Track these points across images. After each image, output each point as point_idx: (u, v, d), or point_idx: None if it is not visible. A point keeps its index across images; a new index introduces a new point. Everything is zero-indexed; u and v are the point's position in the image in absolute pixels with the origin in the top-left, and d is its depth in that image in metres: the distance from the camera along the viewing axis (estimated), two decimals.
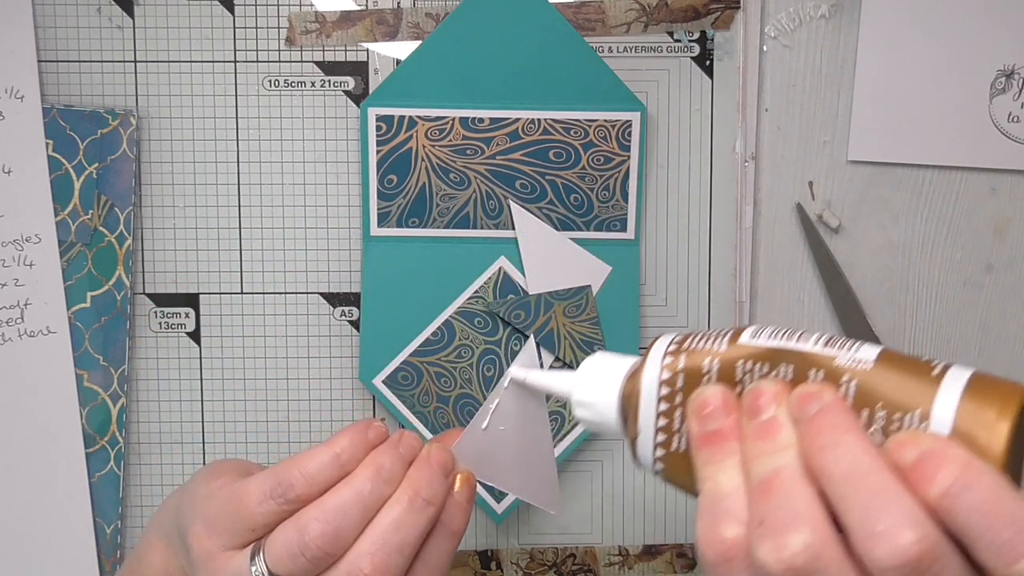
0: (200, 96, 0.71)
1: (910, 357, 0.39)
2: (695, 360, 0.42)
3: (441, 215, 0.70)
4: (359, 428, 0.50)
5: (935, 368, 0.38)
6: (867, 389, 0.38)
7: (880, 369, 0.38)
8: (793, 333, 0.41)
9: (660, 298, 0.73)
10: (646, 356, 0.43)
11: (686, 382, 0.42)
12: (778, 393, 0.39)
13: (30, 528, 0.71)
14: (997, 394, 0.37)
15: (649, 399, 0.42)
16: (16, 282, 0.69)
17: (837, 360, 0.39)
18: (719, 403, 0.40)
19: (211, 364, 0.72)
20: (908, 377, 0.38)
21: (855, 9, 0.70)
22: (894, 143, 0.71)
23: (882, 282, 0.73)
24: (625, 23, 0.71)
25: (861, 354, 0.39)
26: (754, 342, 0.41)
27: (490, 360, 0.71)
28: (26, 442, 0.70)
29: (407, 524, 0.48)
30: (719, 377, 0.41)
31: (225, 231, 0.71)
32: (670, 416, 0.42)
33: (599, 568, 0.75)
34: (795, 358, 0.40)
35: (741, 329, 0.42)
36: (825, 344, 0.40)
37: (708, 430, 0.40)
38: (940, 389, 0.37)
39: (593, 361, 0.46)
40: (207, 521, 0.49)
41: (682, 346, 0.42)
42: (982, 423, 0.36)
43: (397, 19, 0.70)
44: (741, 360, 0.41)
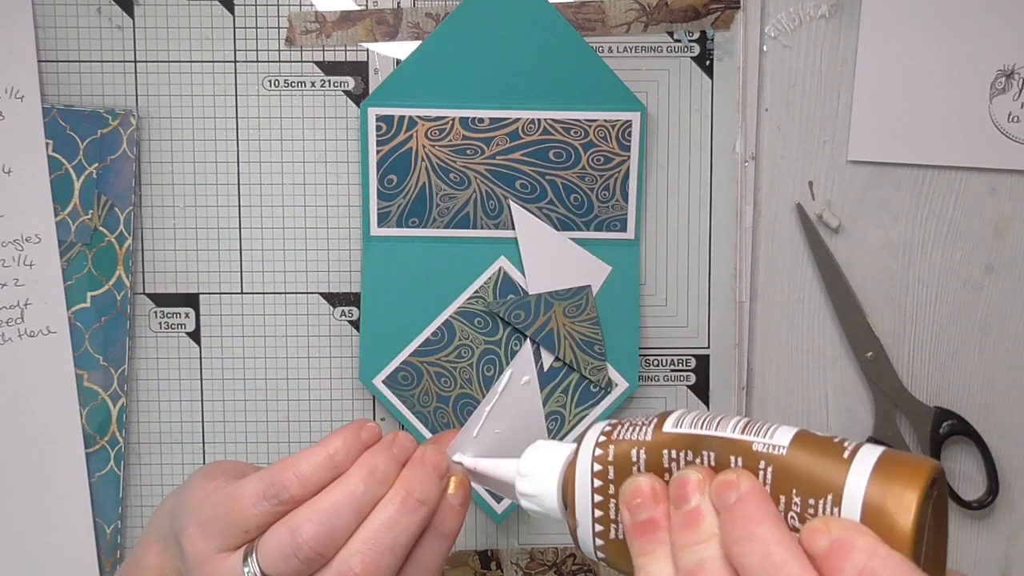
0: (200, 96, 0.71)
1: (824, 438, 0.40)
2: (623, 449, 0.43)
3: (441, 215, 0.70)
4: (353, 429, 0.50)
5: (846, 449, 0.39)
6: (782, 474, 0.40)
7: (794, 454, 0.40)
8: (714, 419, 0.42)
9: (660, 298, 0.73)
10: (578, 448, 0.45)
11: (617, 472, 0.43)
12: (701, 481, 0.41)
13: (30, 528, 0.71)
14: (905, 470, 0.38)
15: (584, 490, 0.44)
16: (16, 282, 0.69)
17: (754, 446, 0.41)
18: (648, 493, 0.42)
19: (211, 364, 0.72)
20: (820, 461, 0.39)
21: (855, 9, 0.70)
22: (894, 143, 0.71)
23: (882, 282, 0.73)
24: (625, 23, 0.71)
25: (776, 439, 0.40)
26: (676, 430, 0.42)
27: (490, 360, 0.71)
28: (26, 442, 0.70)
29: (399, 524, 0.48)
30: (647, 466, 0.43)
31: (225, 231, 0.71)
32: (605, 507, 0.44)
33: (599, 568, 0.75)
34: (716, 444, 0.41)
35: (666, 415, 0.43)
36: (743, 430, 0.41)
37: (640, 520, 0.42)
38: (851, 470, 0.38)
39: (533, 451, 0.48)
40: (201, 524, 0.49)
41: (611, 436, 0.44)
42: (891, 500, 0.37)
43: (397, 19, 0.70)
44: (666, 448, 0.42)
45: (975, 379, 0.74)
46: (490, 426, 0.51)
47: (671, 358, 0.73)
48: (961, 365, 0.73)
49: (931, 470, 0.38)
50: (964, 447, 0.74)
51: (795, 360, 0.73)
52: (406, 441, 0.50)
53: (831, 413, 0.74)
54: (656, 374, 0.73)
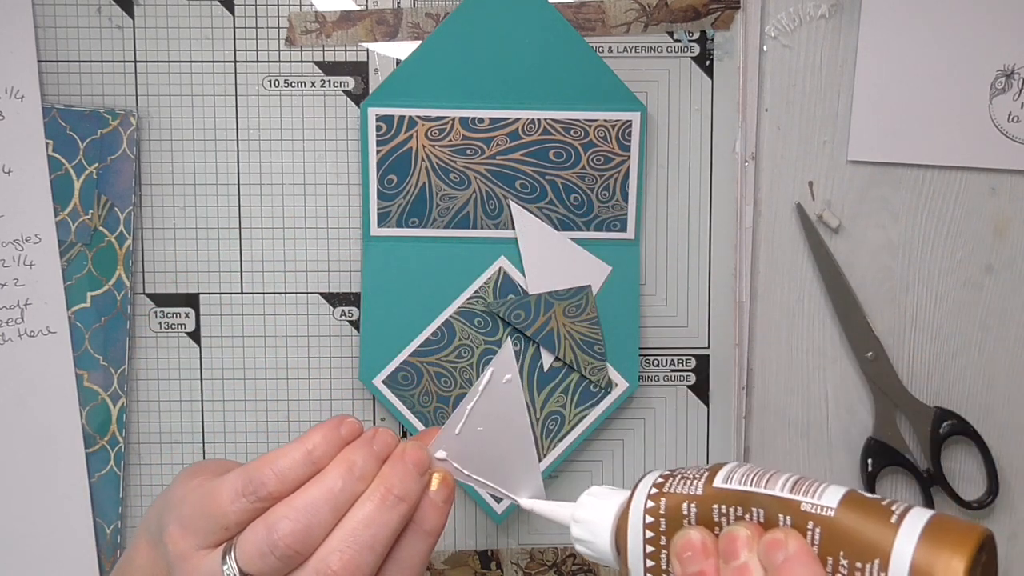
0: (200, 96, 0.71)
1: (872, 500, 0.41)
2: (675, 503, 0.45)
3: (441, 215, 0.70)
4: (332, 424, 0.50)
5: (894, 513, 0.40)
6: (830, 536, 0.41)
7: (842, 515, 0.41)
8: (764, 475, 0.43)
9: (660, 298, 0.73)
10: (631, 498, 0.46)
11: (668, 524, 0.45)
12: (750, 538, 0.42)
13: (30, 528, 0.71)
14: (953, 535, 0.38)
15: (636, 541, 0.46)
16: (16, 282, 0.69)
17: (803, 506, 0.42)
18: (699, 546, 0.43)
19: (211, 364, 0.72)
20: (868, 524, 0.40)
21: (855, 9, 0.70)
22: (894, 143, 0.71)
23: (882, 282, 0.73)
24: (625, 23, 0.71)
25: (825, 499, 0.41)
26: (727, 486, 0.44)
27: (490, 360, 0.71)
28: (26, 442, 0.70)
29: (378, 521, 0.48)
30: (698, 519, 0.44)
31: (225, 231, 0.71)
32: (656, 557, 0.45)
33: (599, 568, 0.75)
34: (765, 502, 0.43)
35: (717, 469, 0.45)
36: (792, 488, 0.42)
37: (690, 572, 0.43)
38: (898, 535, 0.39)
39: (588, 498, 0.49)
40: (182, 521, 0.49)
41: (663, 489, 0.45)
42: (938, 566, 0.38)
43: (397, 19, 0.70)
44: (716, 503, 0.44)
45: (975, 379, 0.74)
46: (472, 424, 0.51)
47: (671, 358, 0.73)
48: (961, 365, 0.73)
49: (979, 536, 0.38)
50: (964, 447, 0.74)
51: (795, 360, 0.73)
52: (386, 437, 0.50)
53: (831, 413, 0.74)
54: (656, 374, 0.73)
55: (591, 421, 0.71)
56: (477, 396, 0.51)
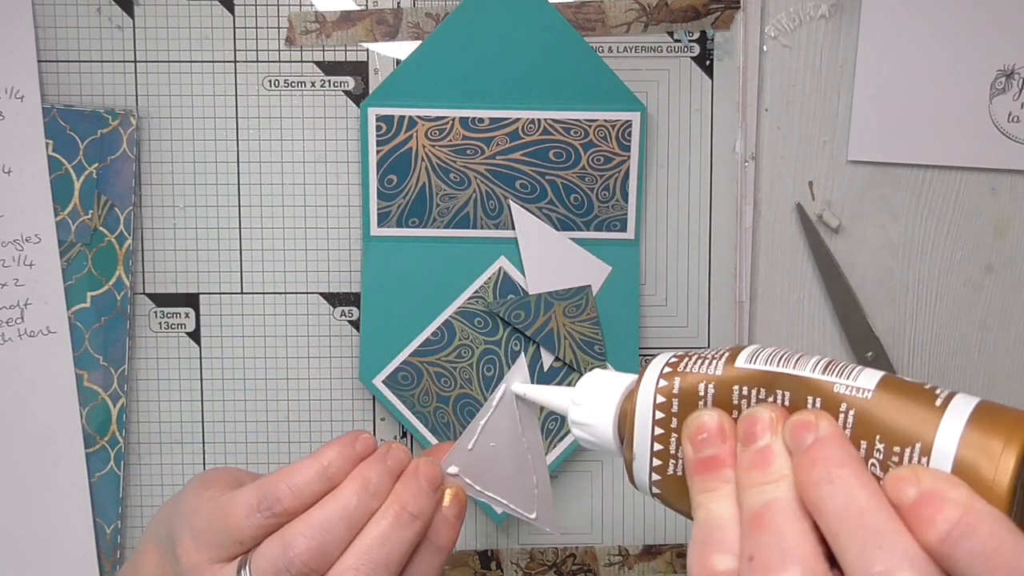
0: (200, 96, 0.71)
1: (913, 384, 0.37)
2: (690, 383, 0.41)
3: (441, 215, 0.70)
4: (347, 440, 0.50)
5: (939, 397, 0.36)
6: (866, 419, 0.37)
7: (880, 398, 0.37)
8: (791, 356, 0.39)
9: (660, 298, 0.73)
10: (641, 377, 0.42)
11: (681, 406, 0.41)
12: (773, 420, 0.38)
13: (30, 528, 0.71)
14: (1004, 423, 0.35)
15: (644, 422, 0.42)
16: (16, 282, 0.69)
17: (836, 387, 0.38)
18: (715, 429, 0.39)
19: (211, 364, 0.72)
20: (910, 407, 0.36)
21: (855, 9, 0.70)
22: (894, 143, 0.71)
23: (882, 282, 0.73)
24: (625, 23, 0.71)
25: (861, 381, 0.38)
26: (750, 366, 0.40)
27: (490, 360, 0.71)
28: (26, 442, 0.70)
29: (393, 539, 0.48)
30: (715, 401, 0.40)
31: (225, 231, 0.71)
32: (666, 440, 0.41)
33: (599, 568, 0.75)
34: (792, 384, 0.39)
35: (739, 350, 0.41)
36: (824, 370, 0.39)
37: (703, 456, 0.39)
38: (943, 419, 0.35)
39: (590, 379, 0.45)
40: (195, 534, 0.49)
41: (677, 368, 0.41)
42: (987, 454, 0.34)
43: (397, 19, 0.70)
44: (737, 385, 0.40)
45: (975, 379, 0.74)
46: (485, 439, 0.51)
47: None
48: (961, 365, 0.73)
49: None
50: None
51: None
52: (400, 453, 0.50)
53: None
54: None
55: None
56: (491, 411, 0.51)
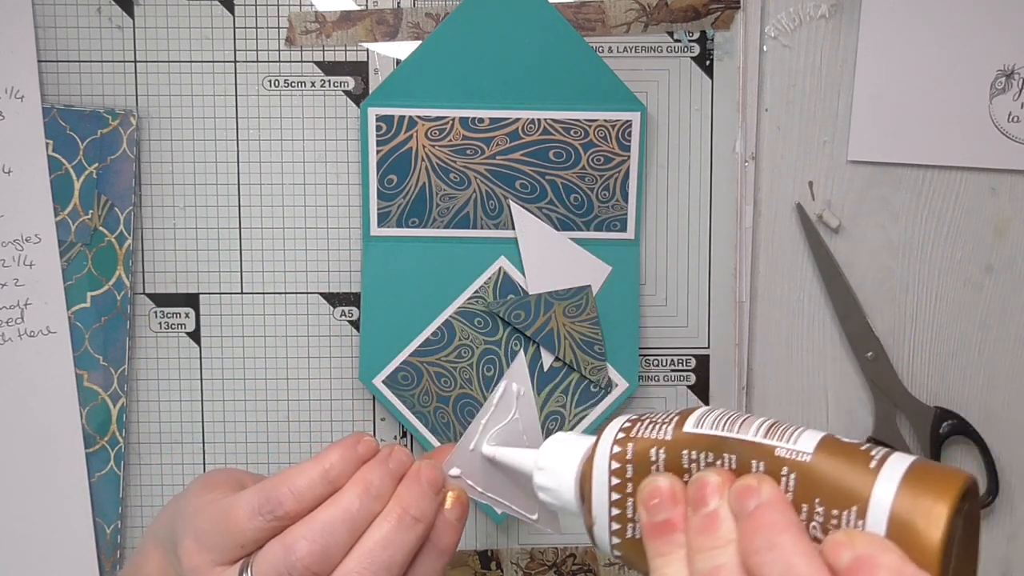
0: (200, 96, 0.71)
1: (851, 444, 0.38)
2: (642, 448, 0.42)
3: (441, 215, 0.70)
4: (349, 443, 0.50)
5: (873, 459, 0.37)
6: (806, 482, 0.38)
7: (819, 461, 0.38)
8: (737, 419, 0.41)
9: (660, 298, 0.73)
10: (596, 443, 0.43)
11: (635, 470, 0.42)
12: (721, 484, 0.39)
13: (30, 528, 0.71)
14: (936, 481, 0.36)
15: (601, 488, 0.43)
16: (16, 282, 0.69)
17: (777, 451, 0.39)
18: (667, 494, 0.41)
19: (211, 364, 0.72)
20: (846, 469, 0.37)
21: (855, 9, 0.70)
22: (894, 143, 0.71)
23: (882, 282, 0.73)
24: (625, 23, 0.71)
25: (800, 444, 0.39)
26: (698, 430, 0.41)
27: (490, 360, 0.71)
28: (26, 442, 0.70)
29: (395, 542, 0.48)
30: (666, 466, 0.41)
31: (225, 231, 0.72)
32: (623, 505, 0.43)
33: (599, 568, 0.75)
34: (738, 447, 0.40)
35: (688, 413, 0.42)
36: (766, 433, 0.40)
37: (656, 520, 0.41)
38: (877, 480, 0.36)
39: (552, 443, 0.47)
40: (197, 536, 0.49)
41: (630, 433, 0.42)
42: (919, 513, 0.35)
43: (397, 19, 0.70)
44: (686, 449, 0.41)
45: (975, 379, 0.74)
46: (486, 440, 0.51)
47: (671, 358, 0.73)
48: (961, 365, 0.73)
49: (963, 482, 0.36)
50: (964, 447, 0.74)
51: (795, 360, 0.73)
52: (402, 456, 0.50)
53: (831, 413, 0.74)
54: (656, 374, 0.73)
55: (591, 421, 0.71)
56: (491, 410, 0.51)
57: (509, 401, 0.51)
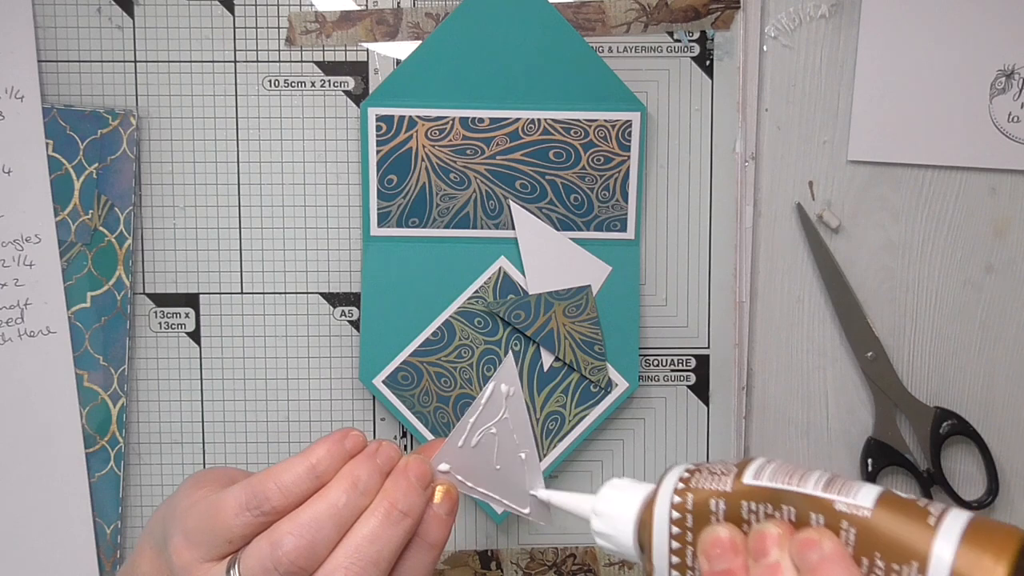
0: (200, 96, 0.71)
1: (909, 501, 0.40)
2: (702, 498, 0.43)
3: (441, 215, 0.70)
4: (336, 438, 0.49)
5: (932, 515, 0.39)
6: (866, 537, 0.39)
7: (878, 516, 0.39)
8: (795, 472, 0.42)
9: (660, 298, 0.73)
10: (656, 492, 0.45)
11: (695, 521, 0.43)
12: (781, 536, 0.41)
13: (30, 528, 0.71)
14: (994, 538, 0.37)
15: (661, 537, 0.44)
16: (16, 282, 0.69)
17: (836, 505, 0.40)
18: (727, 544, 0.42)
19: (211, 364, 0.72)
20: (905, 525, 0.39)
21: (855, 9, 0.70)
22: (894, 143, 0.71)
23: (882, 282, 0.73)
24: (625, 23, 0.71)
25: (860, 499, 0.40)
26: (757, 482, 0.43)
27: (490, 360, 0.71)
28: (26, 442, 0.70)
29: (383, 537, 0.48)
30: (726, 516, 0.43)
31: (225, 231, 0.72)
32: (682, 554, 0.44)
33: (599, 568, 0.75)
34: (796, 500, 0.41)
35: (746, 464, 0.43)
36: (825, 486, 0.41)
37: (717, 569, 0.42)
38: (937, 536, 0.38)
39: (610, 490, 0.48)
40: (186, 533, 0.49)
41: (689, 484, 0.44)
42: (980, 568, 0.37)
43: (397, 19, 0.70)
44: (745, 500, 0.42)
45: (975, 379, 0.74)
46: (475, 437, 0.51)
47: (671, 358, 0.73)
48: (961, 365, 0.73)
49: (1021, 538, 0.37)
50: (964, 447, 0.74)
51: (795, 360, 0.73)
52: (390, 451, 0.50)
53: (831, 413, 0.74)
54: (656, 374, 0.73)
55: (591, 421, 0.71)
56: (479, 409, 0.51)
57: (498, 402, 0.51)
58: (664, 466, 0.74)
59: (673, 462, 0.74)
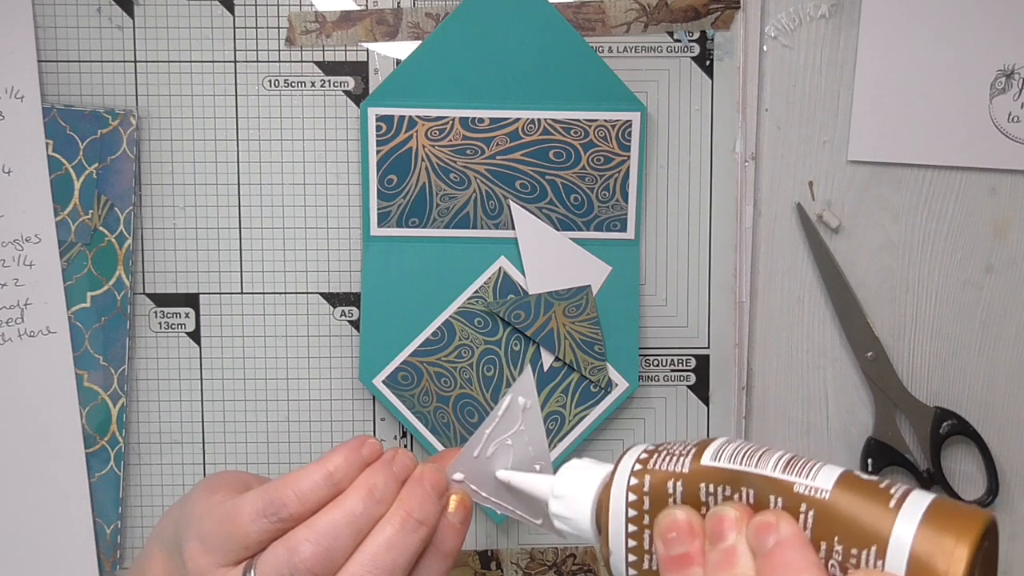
0: (200, 96, 0.71)
1: (869, 482, 0.39)
2: (659, 480, 0.42)
3: (441, 215, 0.70)
4: (353, 445, 0.50)
5: (893, 497, 0.37)
6: (824, 520, 0.38)
7: (837, 498, 0.38)
8: (755, 453, 0.41)
9: (660, 298, 0.73)
10: (613, 473, 0.43)
11: (652, 503, 0.42)
12: (739, 519, 0.40)
13: (30, 528, 0.71)
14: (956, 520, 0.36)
15: (618, 519, 0.43)
16: (16, 282, 0.69)
17: (795, 487, 0.39)
18: (684, 527, 0.41)
19: (211, 364, 0.72)
20: (865, 507, 0.37)
21: (855, 9, 0.70)
22: (894, 143, 0.71)
23: (882, 282, 0.73)
24: (625, 23, 0.71)
25: (819, 481, 0.39)
26: (715, 463, 0.41)
27: (490, 360, 0.71)
28: (26, 442, 0.70)
29: (399, 545, 0.48)
30: (683, 498, 0.42)
31: (225, 231, 0.72)
32: (639, 537, 0.43)
33: (599, 568, 0.75)
34: (755, 482, 0.40)
35: (705, 445, 0.42)
36: (784, 468, 0.40)
37: (674, 554, 0.41)
38: (898, 519, 0.37)
39: (568, 471, 0.47)
40: (202, 538, 0.49)
41: (647, 465, 0.43)
42: (940, 551, 0.35)
43: (397, 19, 0.70)
44: (703, 482, 0.41)
45: (975, 379, 0.74)
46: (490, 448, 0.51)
47: (671, 358, 0.73)
48: (961, 365, 0.73)
49: (984, 521, 0.36)
50: (964, 447, 0.74)
51: (795, 360, 0.73)
52: (406, 459, 0.50)
53: (831, 413, 0.74)
54: (656, 374, 0.73)
55: (591, 421, 0.71)
56: (496, 421, 0.51)
57: (514, 414, 0.51)
58: None
59: None
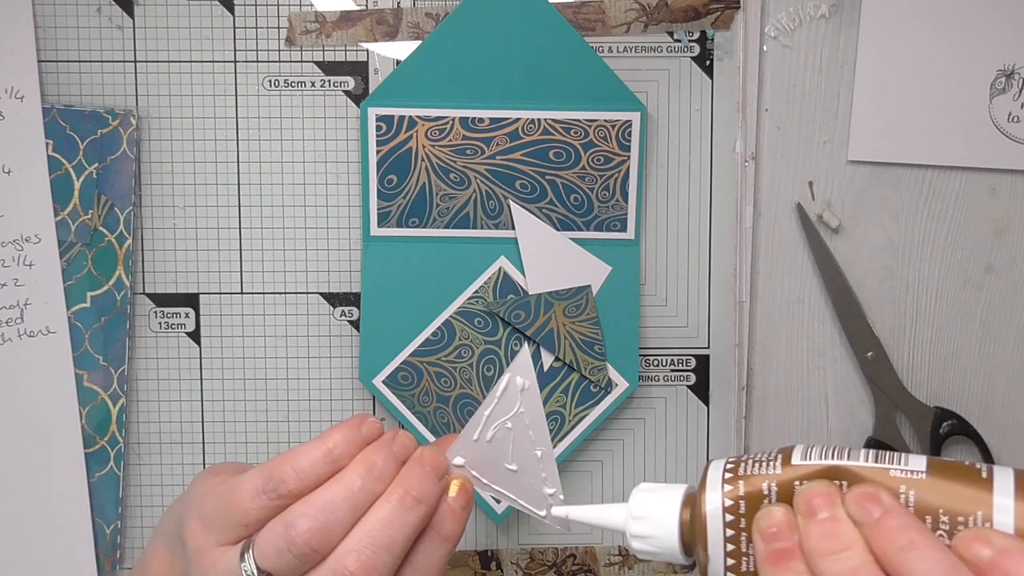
0: (200, 96, 0.71)
1: (954, 462, 0.43)
2: (754, 485, 0.44)
3: (441, 215, 0.70)
4: (353, 424, 0.50)
5: (981, 469, 0.42)
6: (925, 496, 0.42)
7: (933, 478, 0.42)
8: (842, 449, 0.44)
9: (660, 298, 0.73)
10: (703, 485, 0.46)
11: (748, 507, 0.44)
12: (831, 494, 0.42)
13: (30, 528, 0.71)
14: None
15: (716, 527, 0.45)
16: (16, 282, 0.69)
17: (891, 472, 0.42)
18: (784, 523, 0.43)
19: (211, 364, 0.72)
20: (961, 482, 0.42)
21: (855, 9, 0.70)
22: (894, 143, 0.71)
23: (882, 282, 0.73)
24: (625, 23, 0.71)
25: (912, 465, 0.43)
26: (807, 462, 0.44)
27: (490, 360, 0.71)
28: (26, 442, 0.70)
29: (396, 522, 0.48)
30: (779, 498, 0.44)
31: (225, 231, 0.72)
32: (736, 541, 0.45)
33: (599, 568, 0.75)
34: (850, 474, 0.43)
35: (789, 450, 0.45)
36: (875, 459, 0.43)
37: (774, 548, 0.42)
38: (994, 489, 0.41)
39: (642, 493, 0.48)
40: (202, 517, 0.49)
41: (737, 473, 0.45)
42: None
43: (397, 19, 0.70)
44: (798, 481, 0.44)
45: (975, 379, 0.74)
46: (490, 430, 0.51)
47: (671, 358, 0.73)
48: (961, 365, 0.73)
49: None
50: (964, 447, 0.74)
51: (795, 360, 0.73)
52: (406, 440, 0.50)
53: (831, 413, 0.74)
54: (656, 374, 0.73)
55: (591, 421, 0.71)
56: (495, 402, 0.51)
57: (513, 395, 0.51)
58: (665, 466, 0.74)
59: (673, 462, 0.74)
